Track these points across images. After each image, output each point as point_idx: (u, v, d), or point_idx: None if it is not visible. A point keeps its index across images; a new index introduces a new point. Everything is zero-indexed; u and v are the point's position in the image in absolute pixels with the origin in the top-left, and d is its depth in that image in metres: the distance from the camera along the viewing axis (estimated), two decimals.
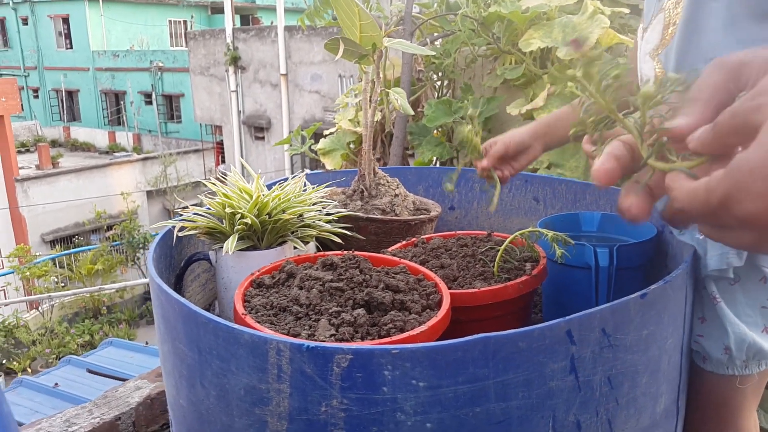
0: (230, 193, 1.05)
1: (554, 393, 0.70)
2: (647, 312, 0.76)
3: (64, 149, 19.66)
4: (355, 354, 0.65)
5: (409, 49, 1.26)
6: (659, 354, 0.81)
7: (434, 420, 0.67)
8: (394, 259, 0.99)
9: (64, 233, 14.28)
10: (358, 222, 1.22)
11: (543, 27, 1.86)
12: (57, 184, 14.30)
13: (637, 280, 1.02)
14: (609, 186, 0.52)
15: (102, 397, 1.58)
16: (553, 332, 0.68)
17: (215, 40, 12.55)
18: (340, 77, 10.42)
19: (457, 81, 2.32)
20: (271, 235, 1.06)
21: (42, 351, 9.25)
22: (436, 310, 0.84)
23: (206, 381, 0.74)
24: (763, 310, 0.89)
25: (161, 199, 15.72)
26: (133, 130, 20.49)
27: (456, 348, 0.65)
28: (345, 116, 2.37)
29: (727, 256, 0.86)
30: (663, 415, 0.85)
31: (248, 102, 12.26)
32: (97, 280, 11.76)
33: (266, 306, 0.84)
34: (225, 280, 1.05)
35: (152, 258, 0.93)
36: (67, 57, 22.11)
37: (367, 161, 1.29)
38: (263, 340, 0.68)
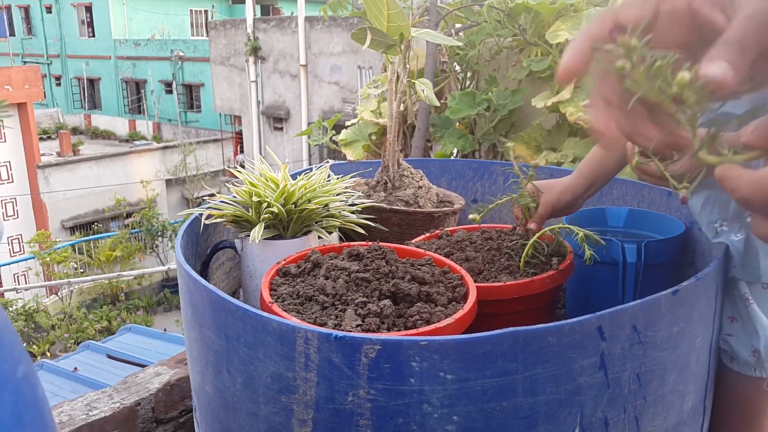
0: (256, 181, 1.06)
1: (583, 389, 0.69)
2: (678, 309, 0.75)
3: (84, 137, 19.87)
4: (383, 345, 0.65)
5: (436, 39, 1.25)
6: (688, 352, 0.79)
7: (461, 413, 0.66)
8: (419, 251, 0.98)
9: (83, 220, 14.44)
10: (382, 213, 1.21)
11: (571, 19, 1.84)
12: (77, 171, 14.45)
13: (664, 277, 1.01)
14: None
15: (122, 383, 1.60)
16: (584, 328, 0.67)
17: (236, 30, 12.57)
18: (360, 68, 10.40)
19: (481, 73, 2.31)
20: (296, 225, 1.06)
21: (61, 336, 9.38)
22: (462, 302, 0.84)
23: (233, 368, 0.74)
24: None
25: (180, 188, 15.83)
26: (153, 118, 20.65)
27: (485, 341, 0.65)
28: (367, 107, 2.36)
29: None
30: (690, 414, 0.84)
31: (267, 92, 12.29)
32: (116, 266, 11.89)
33: (292, 295, 0.84)
34: (250, 269, 1.05)
35: (180, 245, 0.93)
36: (89, 45, 22.30)
37: (391, 152, 1.29)
38: (291, 329, 0.68)
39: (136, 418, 1.52)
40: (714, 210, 0.93)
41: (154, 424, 1.57)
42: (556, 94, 1.82)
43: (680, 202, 0.93)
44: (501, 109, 2.05)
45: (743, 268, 0.89)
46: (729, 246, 0.90)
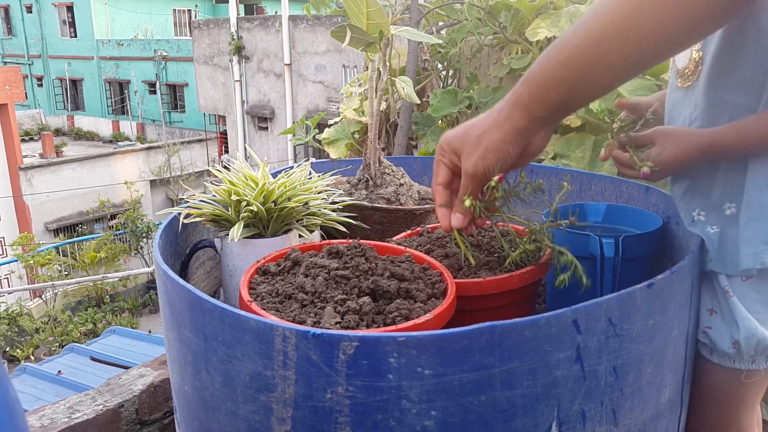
0: (236, 180, 1.05)
1: (559, 382, 0.70)
2: (653, 302, 0.76)
3: (67, 138, 19.69)
4: (361, 341, 0.65)
5: (415, 37, 1.25)
6: (664, 344, 0.80)
7: (439, 408, 0.67)
8: (399, 248, 0.98)
9: (67, 222, 14.31)
10: (363, 211, 1.21)
11: (550, 16, 1.85)
12: (61, 173, 14.31)
13: (642, 271, 1.02)
14: None
15: (105, 385, 1.59)
16: (560, 321, 0.68)
17: (219, 30, 12.51)
18: (344, 67, 10.39)
19: (462, 71, 2.31)
20: (277, 223, 1.06)
21: (45, 339, 9.28)
22: (442, 298, 0.84)
23: (211, 367, 0.74)
24: None
25: (165, 189, 15.73)
26: (136, 119, 20.50)
27: (462, 336, 0.65)
28: (349, 106, 2.36)
29: (762, 256, 0.86)
30: (667, 406, 0.85)
31: (252, 92, 12.24)
32: (101, 268, 11.79)
33: (272, 293, 0.83)
34: (230, 268, 1.05)
35: (158, 244, 0.93)
36: (71, 45, 22.08)
37: (372, 150, 1.29)
38: (269, 327, 0.68)
39: (119, 420, 1.51)
40: (694, 199, 0.94)
41: (138, 426, 1.56)
42: None
43: (641, 176, 0.96)
44: (482, 107, 2.05)
45: (720, 261, 0.90)
46: (704, 239, 0.92)
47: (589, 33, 0.63)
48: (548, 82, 0.67)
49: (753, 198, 0.86)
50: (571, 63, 0.65)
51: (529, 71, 0.70)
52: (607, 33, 0.61)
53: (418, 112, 2.27)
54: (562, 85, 0.67)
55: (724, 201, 0.90)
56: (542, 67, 0.68)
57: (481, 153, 0.74)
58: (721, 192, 0.90)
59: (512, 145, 0.73)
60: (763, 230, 0.86)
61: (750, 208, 0.87)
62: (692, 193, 0.94)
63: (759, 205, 0.86)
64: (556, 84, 0.67)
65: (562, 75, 0.66)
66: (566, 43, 0.65)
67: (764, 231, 0.85)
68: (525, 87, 0.70)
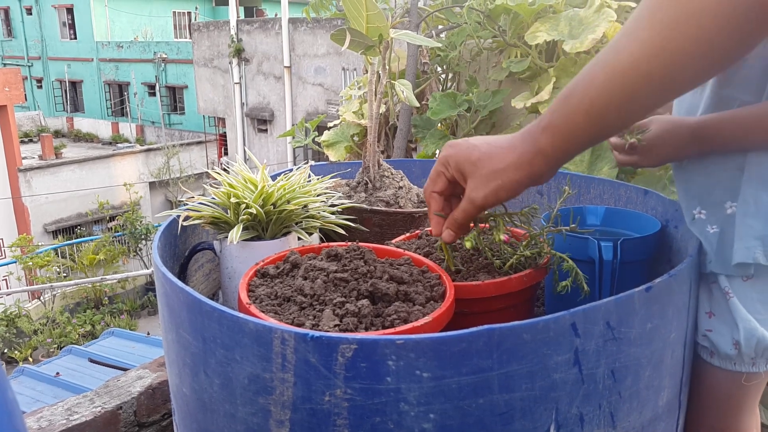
0: (235, 183, 1.05)
1: (558, 385, 0.70)
2: (652, 305, 0.76)
3: (67, 140, 19.68)
4: (359, 344, 0.65)
5: (415, 40, 1.26)
6: (663, 347, 0.80)
7: (437, 411, 0.67)
8: (398, 251, 0.98)
9: (66, 223, 14.30)
10: (362, 214, 1.22)
11: (549, 20, 1.85)
12: (60, 175, 14.31)
13: (641, 274, 1.02)
14: None
15: (103, 387, 1.59)
16: (558, 324, 0.68)
17: (219, 32, 12.52)
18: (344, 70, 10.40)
19: (462, 74, 2.32)
20: (276, 226, 1.06)
21: (43, 340, 9.27)
22: (440, 301, 0.84)
23: (210, 370, 0.74)
24: None
25: (164, 191, 15.73)
26: (136, 121, 20.51)
27: (460, 339, 0.65)
28: (349, 108, 2.36)
29: (754, 251, 0.86)
30: (665, 409, 0.85)
31: (251, 94, 12.25)
32: (99, 270, 11.78)
33: (270, 296, 0.84)
34: (229, 270, 1.05)
35: (157, 247, 0.93)
36: (71, 47, 22.09)
37: (371, 153, 1.29)
38: (268, 329, 0.68)
39: (117, 422, 1.51)
40: (695, 197, 0.94)
41: (136, 427, 1.56)
42: (536, 95, 1.84)
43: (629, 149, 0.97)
44: (482, 110, 2.06)
45: (720, 262, 0.91)
46: (702, 241, 0.92)
47: (609, 77, 0.62)
48: (572, 131, 0.67)
49: (749, 194, 0.87)
50: (595, 110, 0.64)
51: (551, 117, 0.69)
52: (628, 77, 0.60)
53: (418, 115, 2.28)
54: (587, 133, 0.67)
55: (725, 200, 0.90)
56: (567, 116, 0.67)
57: (494, 189, 0.74)
58: (724, 190, 0.90)
59: (525, 186, 0.74)
60: (757, 227, 0.86)
61: (746, 204, 0.87)
62: (694, 190, 0.94)
63: (755, 203, 0.86)
64: (581, 133, 0.67)
65: (586, 124, 0.66)
66: (588, 89, 0.64)
67: (758, 228, 0.86)
68: (549, 136, 0.69)
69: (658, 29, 0.57)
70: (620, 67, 0.60)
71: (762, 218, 0.86)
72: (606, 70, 0.62)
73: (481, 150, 0.76)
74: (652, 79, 0.59)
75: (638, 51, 0.59)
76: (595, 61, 0.64)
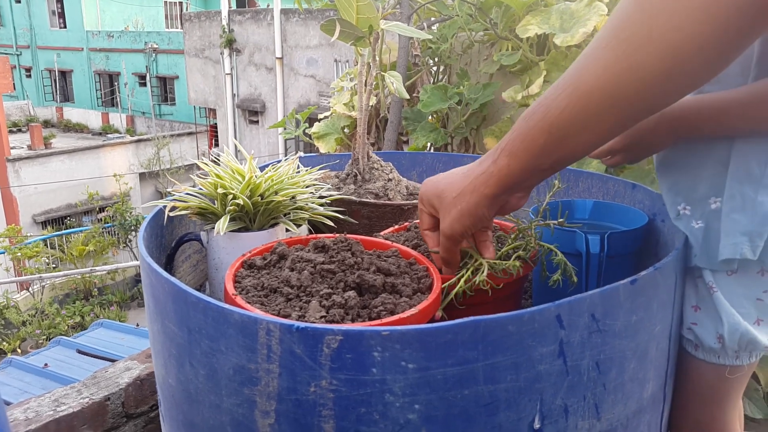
0: (222, 173, 1.05)
1: (542, 376, 0.70)
2: (637, 298, 0.77)
3: (56, 130, 19.52)
4: (345, 335, 0.65)
5: (405, 32, 1.25)
6: (648, 340, 0.81)
7: (422, 402, 0.67)
8: (386, 243, 0.98)
9: (55, 214, 14.21)
10: (351, 206, 1.21)
11: (540, 13, 1.85)
12: (49, 165, 14.20)
13: (628, 267, 1.02)
14: None
15: (91, 378, 1.58)
16: (543, 316, 0.68)
17: (210, 22, 12.43)
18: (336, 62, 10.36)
19: (453, 66, 2.31)
20: (263, 217, 1.06)
21: (32, 332, 9.23)
22: (427, 293, 0.84)
23: (195, 360, 0.74)
24: (759, 302, 0.90)
25: (154, 182, 15.65)
26: (126, 111, 20.37)
27: (446, 330, 0.65)
28: (340, 100, 2.35)
29: (741, 247, 0.86)
30: (650, 401, 0.86)
31: (243, 85, 12.18)
32: (89, 261, 11.72)
33: (257, 287, 0.83)
34: (216, 261, 1.04)
35: (143, 237, 0.93)
36: (60, 36, 21.88)
37: (360, 145, 1.29)
38: (253, 320, 0.68)
39: (105, 413, 1.51)
40: (680, 193, 0.95)
41: (125, 419, 1.56)
42: (526, 88, 1.84)
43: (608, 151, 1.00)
44: (472, 103, 2.06)
45: (704, 256, 0.91)
46: (688, 235, 0.92)
47: (573, 98, 0.59)
48: (531, 150, 0.65)
49: (735, 190, 0.87)
50: (555, 129, 0.62)
51: (510, 136, 0.67)
52: (593, 98, 0.58)
53: (408, 107, 2.27)
54: (547, 153, 0.65)
55: (710, 195, 0.90)
56: (523, 137, 0.65)
57: (456, 216, 0.75)
58: (708, 186, 0.91)
59: (487, 209, 0.73)
60: (743, 222, 0.86)
61: (732, 199, 0.88)
62: (678, 187, 0.95)
63: (741, 197, 0.87)
64: (541, 152, 0.65)
65: (546, 143, 0.63)
66: (548, 110, 0.62)
67: (744, 223, 0.86)
68: (506, 156, 0.68)
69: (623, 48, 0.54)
70: (584, 88, 0.58)
71: (748, 213, 0.86)
72: (568, 91, 0.60)
73: (446, 180, 0.77)
74: (619, 100, 0.56)
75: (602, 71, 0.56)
76: (557, 84, 0.62)
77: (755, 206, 0.86)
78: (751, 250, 0.86)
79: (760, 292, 0.89)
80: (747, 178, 0.86)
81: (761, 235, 0.86)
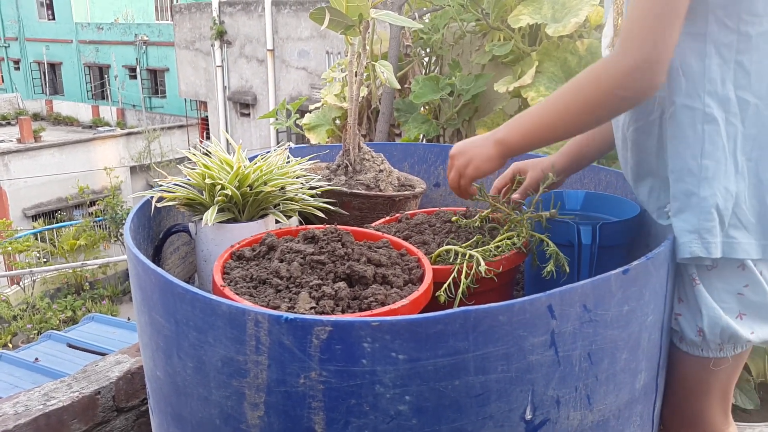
0: (210, 164, 1.04)
1: (534, 367, 0.70)
2: (629, 288, 0.76)
3: (46, 123, 19.36)
4: (334, 326, 0.65)
5: (396, 21, 1.24)
6: (639, 330, 0.81)
7: (413, 393, 0.66)
8: (376, 234, 0.98)
9: (46, 208, 14.11)
10: (342, 197, 1.20)
11: (532, 3, 1.84)
12: (39, 159, 14.08)
13: (619, 258, 1.02)
14: None
15: (81, 372, 1.57)
16: (534, 306, 0.68)
17: (201, 14, 12.33)
18: (328, 54, 10.31)
19: (445, 57, 2.30)
20: (253, 208, 1.04)
21: (23, 326, 9.17)
22: (418, 284, 0.84)
23: (183, 353, 0.73)
24: (740, 297, 0.89)
25: (145, 175, 15.56)
26: (116, 104, 20.22)
27: (436, 321, 0.65)
28: (331, 91, 2.34)
29: (691, 245, 0.86)
30: (642, 392, 0.86)
31: (234, 77, 12.10)
32: (80, 255, 11.65)
33: (246, 278, 0.82)
34: (204, 253, 1.03)
35: (129, 228, 0.91)
36: (49, 28, 21.65)
37: (351, 136, 1.27)
38: (241, 311, 0.67)
39: (96, 407, 1.50)
40: (661, 195, 0.95)
41: (115, 412, 1.54)
42: (518, 78, 1.83)
43: None
44: (464, 94, 2.04)
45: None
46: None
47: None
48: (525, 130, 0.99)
49: (677, 189, 0.88)
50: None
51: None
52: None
53: (400, 98, 2.26)
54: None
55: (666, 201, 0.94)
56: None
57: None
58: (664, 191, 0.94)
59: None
60: (688, 220, 0.87)
61: (675, 199, 0.88)
62: (657, 191, 0.96)
63: (683, 196, 0.87)
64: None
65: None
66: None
67: (690, 221, 0.86)
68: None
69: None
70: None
71: (694, 211, 0.86)
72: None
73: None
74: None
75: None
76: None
77: (699, 202, 0.86)
78: (704, 248, 0.86)
79: (741, 286, 0.89)
80: (687, 174, 0.86)
81: (710, 230, 0.85)
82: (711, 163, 0.85)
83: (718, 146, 0.85)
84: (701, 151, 0.86)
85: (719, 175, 0.85)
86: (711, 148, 0.85)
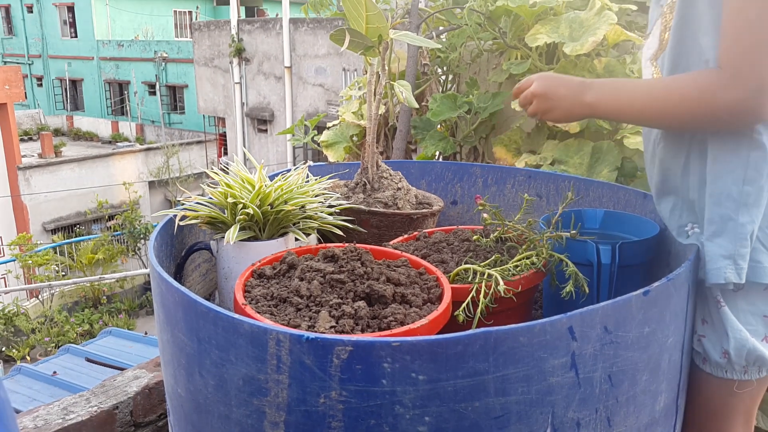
0: (232, 182, 1.05)
1: (554, 389, 0.69)
2: (649, 309, 0.76)
3: (67, 138, 19.66)
4: (355, 346, 0.65)
5: (415, 41, 1.25)
6: (660, 352, 0.80)
7: (433, 414, 0.66)
8: (395, 252, 0.98)
9: (65, 222, 14.28)
10: (360, 215, 1.21)
11: (550, 22, 1.85)
12: (59, 173, 14.29)
13: (639, 278, 1.01)
14: None
15: (100, 386, 1.58)
16: (555, 328, 0.68)
17: (220, 32, 12.51)
18: (345, 71, 10.39)
19: (462, 75, 2.31)
20: (273, 226, 1.05)
21: (41, 339, 9.25)
22: (437, 303, 0.84)
23: (205, 370, 0.74)
24: (765, 319, 0.88)
25: (163, 190, 15.72)
26: (136, 120, 20.49)
27: (457, 342, 0.65)
28: (348, 108, 2.36)
29: (725, 271, 0.86)
30: (662, 414, 0.85)
31: (252, 94, 12.23)
32: (98, 269, 11.76)
33: (267, 297, 0.83)
34: (225, 270, 1.04)
35: (153, 246, 0.93)
36: (71, 46, 22.07)
37: (370, 154, 1.28)
38: (263, 330, 0.68)
39: (113, 422, 1.51)
40: (683, 214, 0.94)
41: (133, 427, 1.55)
42: None
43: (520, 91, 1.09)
44: (482, 112, 2.05)
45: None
46: (700, 247, 0.91)
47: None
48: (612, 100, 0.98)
49: (714, 213, 0.87)
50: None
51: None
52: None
53: (417, 116, 2.27)
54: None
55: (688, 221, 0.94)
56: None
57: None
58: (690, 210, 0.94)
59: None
60: (723, 245, 0.86)
61: (711, 223, 0.87)
62: (679, 210, 0.95)
63: (720, 220, 0.86)
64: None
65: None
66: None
67: (725, 246, 0.86)
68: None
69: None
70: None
71: (730, 236, 0.86)
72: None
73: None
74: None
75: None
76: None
77: (736, 228, 0.85)
78: (736, 274, 0.85)
79: (767, 309, 0.88)
80: (726, 199, 0.86)
81: (744, 256, 0.85)
82: (753, 190, 0.85)
83: (762, 174, 0.85)
84: (744, 177, 0.85)
85: (760, 202, 0.85)
86: (755, 174, 0.85)
